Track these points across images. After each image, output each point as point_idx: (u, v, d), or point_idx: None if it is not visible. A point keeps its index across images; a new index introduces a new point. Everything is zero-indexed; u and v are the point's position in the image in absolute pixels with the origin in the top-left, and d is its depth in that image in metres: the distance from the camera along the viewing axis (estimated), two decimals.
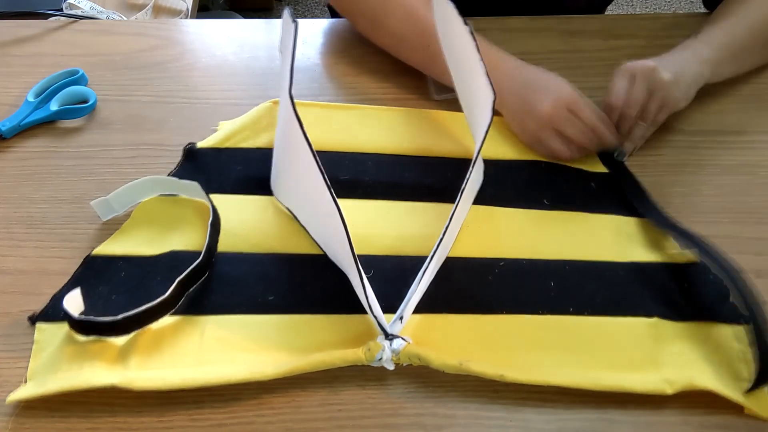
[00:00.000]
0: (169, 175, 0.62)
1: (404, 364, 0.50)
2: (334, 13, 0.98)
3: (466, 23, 0.53)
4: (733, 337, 0.53)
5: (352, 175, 0.63)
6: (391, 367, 0.49)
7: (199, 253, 0.54)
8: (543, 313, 0.54)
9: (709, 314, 0.54)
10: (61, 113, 0.68)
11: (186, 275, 0.52)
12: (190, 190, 0.60)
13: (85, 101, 0.70)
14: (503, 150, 0.66)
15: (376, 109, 0.70)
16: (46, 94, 0.69)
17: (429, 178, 0.63)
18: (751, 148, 0.68)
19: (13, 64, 0.75)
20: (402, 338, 0.49)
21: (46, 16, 0.82)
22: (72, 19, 0.81)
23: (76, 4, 0.89)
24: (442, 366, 0.49)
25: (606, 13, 0.95)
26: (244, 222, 0.59)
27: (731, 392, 0.49)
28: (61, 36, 0.79)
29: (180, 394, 0.49)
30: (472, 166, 0.52)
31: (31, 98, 0.69)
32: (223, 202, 0.59)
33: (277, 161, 0.61)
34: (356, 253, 0.53)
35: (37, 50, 0.77)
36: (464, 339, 0.52)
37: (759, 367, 0.49)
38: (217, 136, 0.66)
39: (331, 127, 0.68)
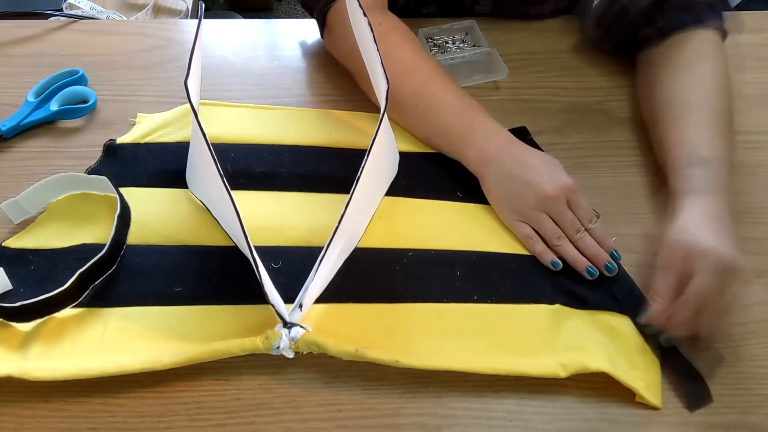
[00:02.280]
0: (87, 170, 0.63)
1: (304, 353, 0.50)
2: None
3: (365, 14, 0.54)
4: (630, 327, 0.54)
5: (269, 167, 0.64)
6: (290, 355, 0.49)
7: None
8: (447, 301, 0.55)
9: (610, 304, 0.55)
10: (61, 113, 0.68)
11: (88, 267, 0.52)
12: (100, 184, 0.60)
13: (85, 101, 0.70)
14: (419, 143, 0.67)
15: (299, 111, 0.70)
16: (46, 94, 0.69)
17: (344, 171, 0.63)
18: (751, 148, 0.68)
19: (13, 64, 0.75)
20: (300, 326, 0.49)
21: (46, 16, 0.82)
22: (72, 19, 0.81)
23: (76, 4, 0.89)
24: (339, 353, 0.50)
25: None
26: (157, 214, 0.60)
27: (625, 378, 0.50)
28: (61, 36, 0.79)
29: (181, 394, 0.50)
30: (368, 152, 0.52)
31: (31, 98, 0.69)
32: (138, 195, 0.60)
33: (191, 154, 0.62)
34: (268, 244, 0.55)
35: (37, 50, 0.77)
36: (365, 327, 0.53)
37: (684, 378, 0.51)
38: (138, 131, 0.66)
39: (253, 123, 0.68)
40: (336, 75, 0.75)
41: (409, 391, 0.51)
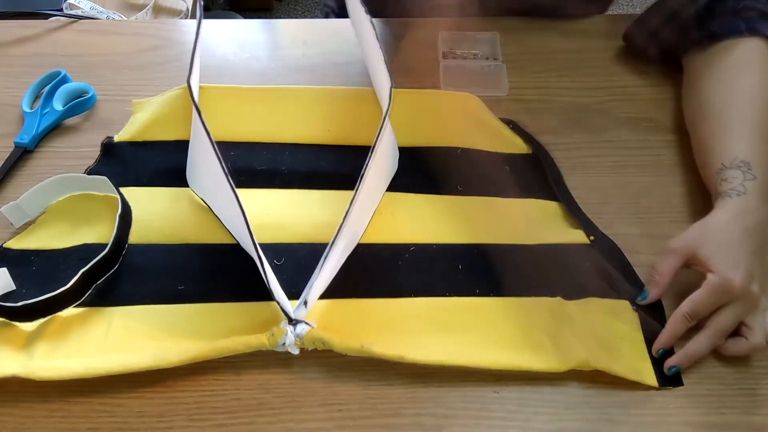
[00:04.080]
0: (86, 170, 0.63)
1: (309, 349, 0.51)
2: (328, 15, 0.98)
3: (367, 12, 0.54)
4: (628, 313, 0.54)
5: (269, 165, 0.64)
6: (295, 351, 0.50)
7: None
8: (449, 295, 0.55)
9: (609, 291, 0.56)
10: (69, 110, 0.68)
11: (91, 267, 0.52)
12: (100, 185, 0.60)
13: (83, 95, 0.70)
14: (418, 138, 0.67)
15: (295, 90, 0.70)
16: (42, 100, 0.69)
17: (345, 167, 0.63)
18: None
19: (13, 64, 0.75)
20: (306, 323, 0.50)
21: (46, 16, 0.81)
22: (72, 19, 0.81)
23: (76, 4, 0.89)
24: (344, 349, 0.50)
25: (606, 13, 0.94)
26: (158, 213, 0.60)
27: (619, 370, 0.51)
28: (61, 36, 0.79)
29: (181, 394, 0.50)
30: (372, 150, 0.52)
31: (26, 108, 0.69)
32: (138, 195, 0.60)
33: (191, 152, 0.62)
34: (270, 241, 0.55)
35: (37, 50, 0.77)
36: (369, 322, 0.53)
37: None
38: (135, 125, 0.66)
39: (249, 115, 0.68)
40: (337, 75, 0.75)
41: (409, 391, 0.51)
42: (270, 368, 0.51)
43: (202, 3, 0.53)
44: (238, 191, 0.56)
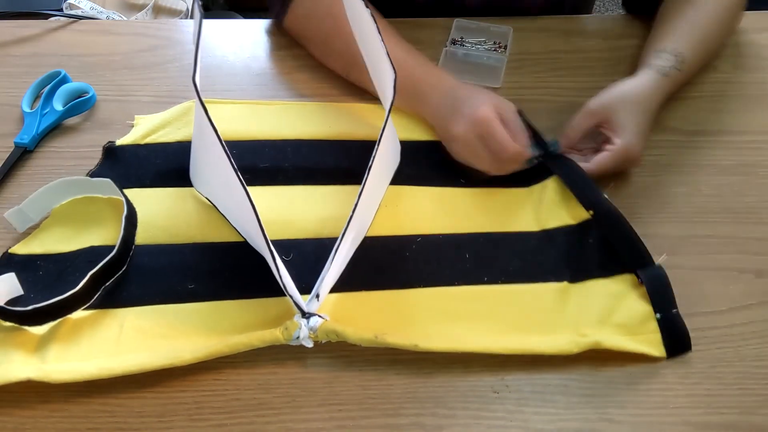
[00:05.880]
0: (88, 173, 0.62)
1: (323, 341, 0.51)
2: None
3: (367, 6, 0.54)
4: (633, 290, 0.55)
5: (272, 162, 0.64)
6: (309, 344, 0.50)
7: None
8: (458, 284, 0.56)
9: (613, 267, 0.56)
10: (69, 110, 0.68)
11: (99, 269, 0.52)
12: (104, 187, 0.60)
13: (82, 95, 0.70)
14: (420, 131, 0.67)
15: (297, 104, 0.71)
16: (43, 100, 0.69)
17: (347, 162, 0.64)
18: (750, 148, 0.68)
19: (13, 64, 0.75)
20: (319, 316, 0.50)
21: (46, 16, 0.81)
22: (72, 19, 0.81)
23: (76, 4, 0.89)
24: (358, 340, 0.50)
25: (605, 13, 0.94)
26: (163, 214, 0.60)
27: (629, 346, 0.52)
28: (61, 36, 0.79)
29: (181, 394, 0.50)
30: (378, 143, 0.52)
31: (26, 108, 0.69)
32: (142, 196, 0.60)
33: (195, 152, 0.62)
34: (277, 237, 0.56)
35: (37, 50, 0.77)
36: (381, 313, 0.53)
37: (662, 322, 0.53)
38: (137, 132, 0.66)
39: (252, 120, 0.69)
40: (336, 75, 0.75)
41: (409, 391, 0.51)
42: (270, 368, 0.51)
43: (203, 13, 0.53)
44: None
